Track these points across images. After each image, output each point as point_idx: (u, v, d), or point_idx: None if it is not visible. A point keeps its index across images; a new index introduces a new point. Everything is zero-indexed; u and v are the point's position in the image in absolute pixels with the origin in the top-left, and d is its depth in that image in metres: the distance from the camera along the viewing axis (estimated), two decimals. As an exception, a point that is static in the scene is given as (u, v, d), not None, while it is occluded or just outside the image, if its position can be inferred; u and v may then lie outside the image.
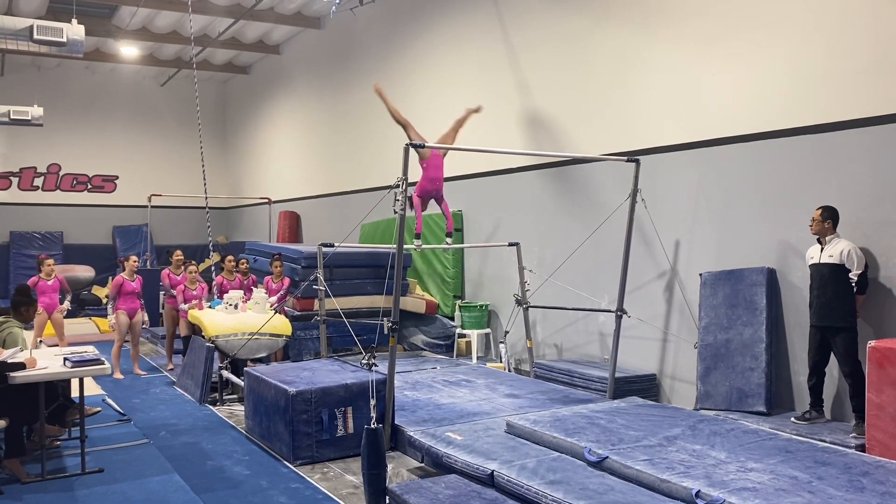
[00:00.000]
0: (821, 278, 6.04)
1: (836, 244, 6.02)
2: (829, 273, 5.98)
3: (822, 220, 6.07)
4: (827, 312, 5.99)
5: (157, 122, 19.58)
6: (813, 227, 6.13)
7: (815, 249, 6.16)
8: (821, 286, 6.04)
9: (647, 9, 8.00)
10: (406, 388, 7.42)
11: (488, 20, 10.35)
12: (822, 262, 6.05)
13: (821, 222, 6.08)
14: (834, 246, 6.02)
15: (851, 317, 5.95)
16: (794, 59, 6.59)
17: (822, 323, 6.03)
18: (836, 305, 5.95)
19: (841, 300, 5.94)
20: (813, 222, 6.13)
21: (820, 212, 6.10)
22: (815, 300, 6.09)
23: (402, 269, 6.26)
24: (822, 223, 6.07)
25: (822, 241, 6.11)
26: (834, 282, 5.96)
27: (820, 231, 6.10)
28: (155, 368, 10.11)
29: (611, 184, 8.22)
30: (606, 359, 8.13)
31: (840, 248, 5.96)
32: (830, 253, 6.01)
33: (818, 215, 6.10)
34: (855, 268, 5.93)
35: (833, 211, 6.09)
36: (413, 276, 11.58)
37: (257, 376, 6.62)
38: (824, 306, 6.01)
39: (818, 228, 6.10)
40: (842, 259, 5.93)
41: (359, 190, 13.61)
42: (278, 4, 14.08)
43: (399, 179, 5.91)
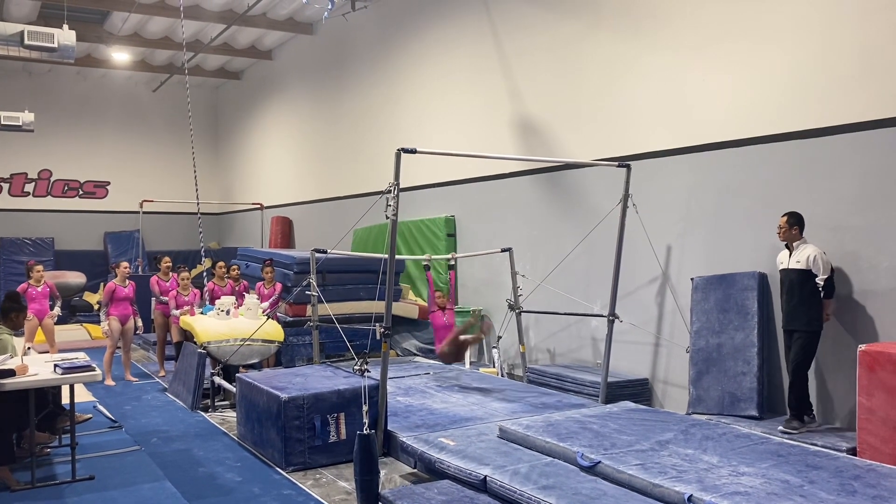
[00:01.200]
0: (789, 283, 6.18)
1: (803, 250, 6.14)
2: (797, 278, 6.12)
3: (788, 226, 6.20)
4: (795, 316, 6.14)
5: (149, 128, 19.54)
6: (781, 234, 6.25)
7: (784, 255, 6.29)
8: (789, 291, 6.18)
9: (638, 16, 8.04)
10: (399, 394, 7.40)
11: (480, 26, 10.38)
12: (790, 267, 6.18)
13: (787, 229, 6.20)
14: (801, 252, 6.14)
15: (817, 321, 6.09)
16: (783, 66, 6.64)
17: (789, 326, 6.19)
18: (802, 310, 6.09)
19: (808, 304, 6.08)
20: (780, 229, 6.23)
21: (786, 218, 6.21)
22: (785, 304, 6.24)
23: (394, 275, 6.26)
24: (790, 230, 6.19)
25: (790, 246, 6.23)
26: (801, 287, 6.10)
27: (787, 237, 6.22)
28: (147, 375, 10.07)
29: (602, 189, 8.24)
30: (599, 363, 8.14)
31: (807, 254, 6.09)
32: (798, 258, 6.13)
33: (784, 222, 6.21)
34: (821, 273, 6.06)
35: (799, 217, 6.20)
36: (406, 281, 11.58)
37: (249, 382, 6.60)
38: (793, 311, 6.15)
39: (786, 235, 6.22)
40: (808, 265, 6.06)
41: (351, 195, 13.61)
42: (270, 10, 14.08)
43: (391, 185, 5.91)
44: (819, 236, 6.38)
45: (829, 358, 6.33)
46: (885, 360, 5.17)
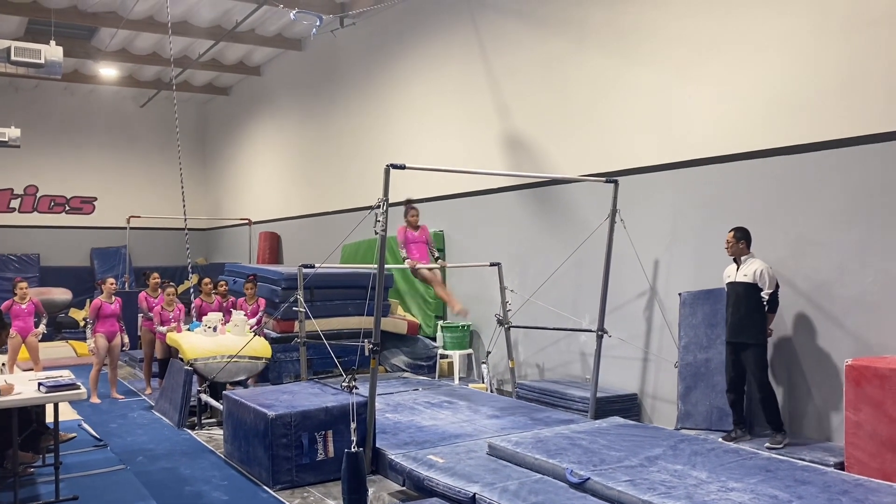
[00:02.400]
0: (736, 296, 6.29)
1: (750, 264, 6.27)
2: (743, 291, 6.23)
3: (735, 241, 6.32)
4: (740, 329, 6.24)
5: (137, 144, 19.48)
6: (729, 249, 6.37)
7: (732, 269, 6.40)
8: (735, 304, 6.28)
9: (624, 33, 8.11)
10: (387, 411, 7.37)
11: (468, 43, 10.44)
12: (737, 280, 6.29)
13: (735, 243, 6.32)
14: (749, 266, 6.26)
15: (762, 334, 6.21)
16: (768, 82, 6.71)
17: (735, 339, 6.28)
18: (748, 323, 6.20)
19: (753, 318, 6.20)
20: (727, 244, 6.35)
21: (733, 233, 6.35)
22: (730, 317, 6.33)
23: (383, 290, 6.24)
24: (737, 244, 6.32)
25: (738, 260, 6.34)
26: (747, 300, 6.21)
27: (735, 252, 6.34)
28: (133, 392, 9.98)
29: (590, 204, 8.27)
30: (588, 378, 8.13)
31: (754, 268, 6.22)
32: (745, 272, 6.25)
33: (731, 237, 6.34)
34: (766, 287, 6.19)
35: (745, 232, 6.34)
36: (394, 296, 11.55)
37: (236, 400, 6.55)
38: (738, 323, 6.25)
39: (733, 249, 6.34)
40: (755, 278, 6.19)
41: (340, 210, 13.60)
42: (259, 26, 14.12)
43: (380, 200, 5.91)
44: (804, 251, 6.43)
45: (815, 372, 6.36)
46: (871, 375, 5.20)
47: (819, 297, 6.34)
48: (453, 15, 10.71)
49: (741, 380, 6.36)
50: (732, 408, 6.41)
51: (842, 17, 6.16)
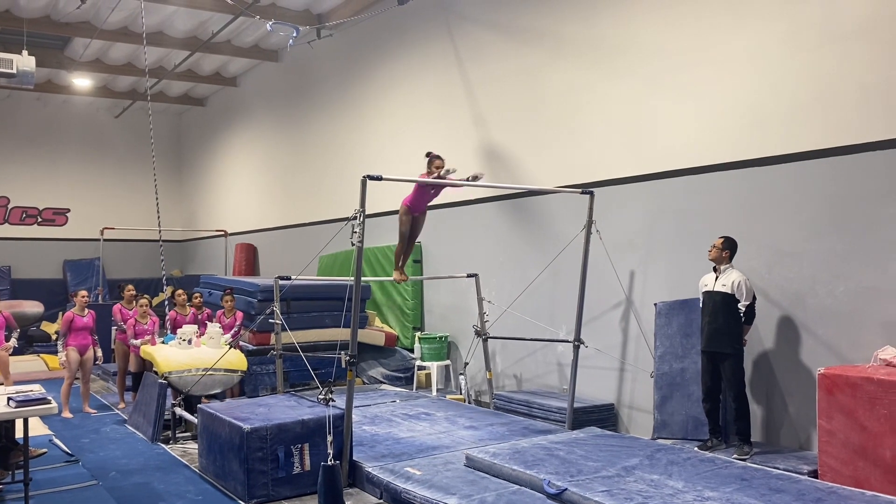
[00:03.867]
0: (713, 305, 6.32)
1: (729, 274, 6.32)
2: (721, 301, 6.27)
3: (721, 248, 6.37)
4: (717, 339, 6.27)
5: (111, 154, 19.28)
6: (711, 254, 6.41)
7: (710, 277, 6.45)
8: (712, 313, 6.31)
9: (599, 45, 8.20)
10: (365, 423, 7.33)
11: (445, 54, 10.49)
12: (715, 289, 6.33)
13: (720, 251, 6.37)
14: (727, 276, 6.32)
15: (738, 344, 6.26)
16: (741, 95, 6.81)
17: (712, 348, 6.32)
18: (725, 332, 6.24)
19: (730, 328, 6.24)
20: (713, 248, 6.41)
21: (721, 241, 6.40)
22: (707, 326, 6.36)
23: (360, 302, 6.22)
24: (721, 251, 6.37)
25: (717, 269, 6.40)
26: (725, 310, 6.26)
27: (717, 259, 6.38)
28: (106, 406, 9.83)
29: (566, 215, 8.32)
30: (565, 389, 8.15)
31: (732, 279, 6.27)
32: (724, 282, 6.30)
33: (720, 244, 6.39)
34: (744, 299, 6.24)
35: (733, 242, 6.40)
36: (372, 307, 11.52)
37: (211, 413, 6.48)
38: (715, 333, 6.28)
39: (716, 256, 6.39)
40: (733, 289, 6.24)
41: (317, 222, 13.54)
42: (235, 37, 14.06)
43: (357, 212, 5.90)
44: (778, 261, 6.51)
45: (789, 381, 6.43)
46: (843, 384, 5.27)
47: (792, 307, 6.42)
48: (430, 27, 10.76)
49: (717, 389, 6.40)
50: (708, 417, 6.45)
51: (813, 31, 6.28)
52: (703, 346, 6.42)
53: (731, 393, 6.25)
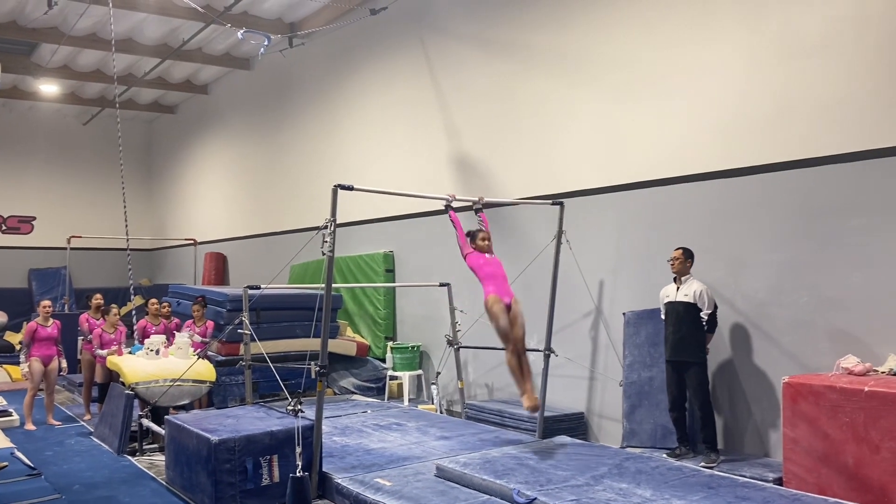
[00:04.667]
0: (676, 315, 6.41)
1: (690, 284, 6.43)
2: (683, 311, 6.37)
3: (684, 259, 6.47)
4: (682, 348, 6.36)
5: (79, 162, 19.01)
6: (675, 266, 6.52)
7: (671, 288, 6.54)
8: (676, 323, 6.41)
9: (568, 58, 8.29)
10: (335, 434, 7.29)
11: (417, 65, 10.52)
12: (677, 300, 6.42)
13: (682, 262, 6.47)
14: (689, 286, 6.42)
15: (702, 353, 6.36)
16: (706, 109, 6.93)
17: (677, 358, 6.39)
18: (689, 341, 6.33)
19: (694, 337, 6.34)
20: (675, 261, 6.51)
21: (681, 252, 6.50)
22: (671, 336, 6.45)
23: (330, 311, 6.20)
24: (684, 262, 6.47)
25: (677, 279, 6.49)
26: (688, 319, 6.36)
27: (681, 270, 6.49)
28: (71, 418, 9.65)
29: (537, 225, 8.38)
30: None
31: (694, 289, 6.37)
32: (686, 292, 6.40)
33: (679, 255, 6.49)
34: (706, 308, 6.34)
35: (691, 252, 6.52)
36: (344, 317, 11.47)
37: (179, 424, 6.40)
38: (679, 342, 6.37)
39: (680, 267, 6.49)
40: (695, 299, 6.34)
41: (288, 231, 13.47)
42: (206, 45, 13.97)
43: (328, 221, 5.89)
44: (743, 271, 6.62)
45: (755, 389, 6.53)
46: (807, 392, 5.36)
47: (757, 317, 6.52)
48: (403, 37, 10.79)
49: (683, 398, 6.48)
50: (676, 426, 6.52)
51: (775, 47, 6.41)
52: (669, 356, 6.49)
53: (696, 401, 6.32)
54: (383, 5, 10.74)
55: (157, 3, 11.54)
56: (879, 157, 5.74)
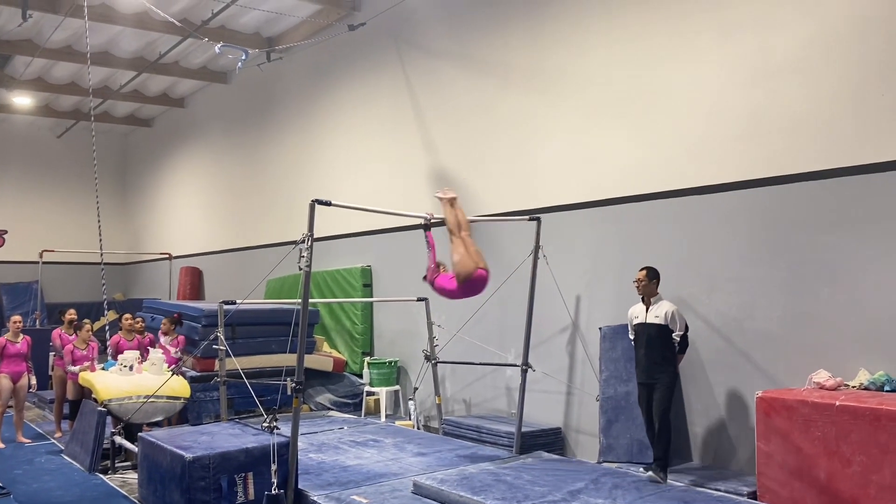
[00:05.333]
0: (648, 337, 6.23)
1: (660, 306, 6.25)
2: (655, 333, 6.19)
3: (647, 279, 6.29)
4: (654, 370, 6.18)
5: (53, 175, 18.79)
6: (640, 288, 6.32)
7: (641, 309, 6.36)
8: (648, 345, 6.22)
9: (545, 77, 8.38)
10: (311, 451, 7.24)
11: (396, 81, 10.56)
12: (648, 321, 6.24)
13: (647, 282, 6.29)
14: (659, 307, 6.24)
15: (674, 373, 6.23)
16: (680, 127, 7.03)
17: (650, 381, 6.20)
18: (662, 363, 6.17)
19: (667, 359, 6.19)
20: (639, 283, 6.32)
21: (645, 272, 6.32)
22: (644, 359, 6.26)
23: (307, 326, 6.17)
24: (649, 283, 6.29)
25: (646, 300, 6.32)
26: (661, 341, 6.18)
27: (647, 291, 6.30)
28: (41, 436, 9.48)
29: (515, 241, 8.41)
30: (513, 413, 8.18)
31: (665, 310, 6.19)
32: (656, 314, 6.21)
33: (643, 276, 6.31)
34: (678, 329, 6.18)
35: (657, 271, 6.36)
36: (321, 332, 11.41)
37: (152, 442, 6.31)
38: (652, 365, 6.19)
39: (644, 289, 6.30)
40: (666, 320, 6.16)
41: (265, 245, 13.40)
42: (183, 58, 13.92)
43: (305, 235, 5.87)
44: (717, 287, 6.70)
45: (729, 404, 6.59)
46: (779, 407, 5.42)
47: (730, 332, 6.59)
48: (381, 53, 10.83)
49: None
50: (652, 443, 6.41)
51: (745, 68, 6.53)
52: (641, 379, 6.29)
53: (656, 413, 6.13)
54: (361, 21, 10.80)
55: (134, 17, 11.51)
56: (849, 175, 5.86)
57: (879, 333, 5.65)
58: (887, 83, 5.67)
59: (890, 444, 4.80)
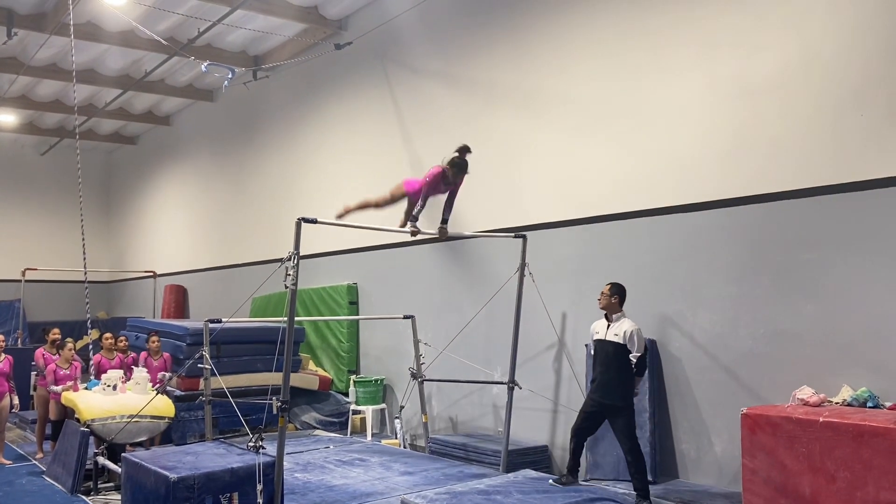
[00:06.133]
0: (605, 355, 6.14)
1: (621, 324, 6.12)
2: (613, 351, 6.09)
3: (609, 295, 6.22)
4: (608, 391, 6.07)
5: (36, 193, 18.66)
6: (601, 302, 6.26)
7: (602, 325, 6.26)
8: (604, 363, 6.13)
9: (530, 96, 8.46)
10: (297, 470, 7.19)
11: (382, 99, 10.62)
12: (607, 339, 6.14)
13: (608, 297, 6.21)
14: (619, 325, 6.12)
15: (630, 397, 6.11)
16: (663, 145, 7.11)
17: (604, 400, 6.09)
18: (617, 384, 6.06)
19: (623, 380, 6.06)
20: (602, 296, 6.27)
21: (609, 287, 6.26)
22: (599, 376, 6.17)
23: (292, 345, 6.15)
24: (610, 298, 6.20)
25: (609, 317, 6.23)
26: (617, 361, 6.06)
27: (607, 306, 6.22)
28: (23, 457, 9.34)
29: (501, 258, 8.45)
30: (500, 431, 8.17)
31: (624, 329, 6.06)
32: (616, 332, 6.10)
33: (607, 290, 6.25)
34: (635, 350, 6.04)
35: (621, 288, 6.26)
36: (306, 350, 11.36)
37: (136, 462, 6.24)
38: (607, 384, 6.09)
39: (606, 303, 6.22)
40: (625, 339, 6.05)
41: (251, 263, 13.36)
42: (169, 76, 13.92)
43: (291, 253, 5.87)
44: (701, 304, 6.75)
45: (715, 420, 6.62)
46: (764, 423, 5.45)
47: (715, 349, 6.64)
48: (367, 72, 10.89)
49: (590, 432, 6.34)
50: (572, 454, 6.29)
51: (727, 87, 6.63)
52: (596, 397, 6.17)
53: (624, 446, 6.00)
54: (348, 40, 10.86)
55: (120, 35, 11.51)
56: (829, 194, 5.94)
57: (861, 350, 5.72)
58: (865, 104, 5.78)
59: (873, 460, 4.83)
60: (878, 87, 5.72)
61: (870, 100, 5.76)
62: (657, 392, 6.97)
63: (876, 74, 5.74)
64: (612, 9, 7.62)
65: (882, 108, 5.69)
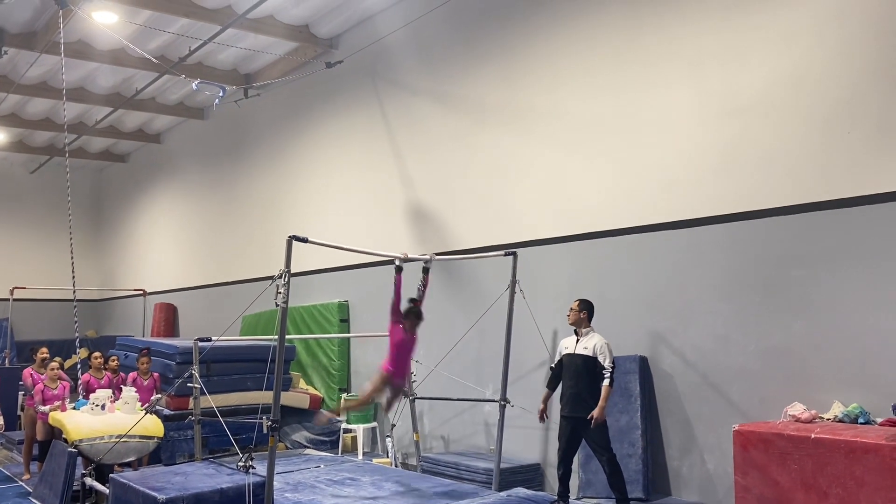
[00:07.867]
0: (574, 369, 6.22)
1: (590, 338, 6.25)
2: (582, 365, 6.17)
3: (578, 310, 6.33)
4: (578, 403, 6.13)
5: (25, 211, 18.58)
6: (570, 318, 6.38)
7: (571, 340, 6.38)
8: (574, 377, 6.20)
9: (520, 114, 8.51)
10: (287, 490, 7.12)
11: (373, 117, 10.65)
12: (576, 352, 6.24)
13: (577, 312, 6.33)
14: (588, 339, 6.24)
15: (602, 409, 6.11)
16: (654, 162, 7.15)
17: (574, 414, 6.15)
18: (587, 396, 6.11)
19: (593, 392, 6.10)
20: (571, 312, 6.39)
21: (578, 303, 6.39)
22: (569, 390, 6.23)
23: (283, 363, 6.11)
24: (579, 313, 6.32)
25: (578, 332, 6.34)
26: (587, 374, 6.15)
27: (576, 322, 6.33)
28: (9, 478, 9.22)
29: (491, 275, 8.45)
30: (492, 449, 8.13)
31: (594, 342, 6.19)
32: (585, 345, 6.21)
33: (576, 306, 6.37)
34: (606, 363, 6.13)
35: (589, 304, 6.40)
36: (297, 369, 11.30)
37: (124, 483, 6.18)
38: (576, 397, 6.16)
39: (575, 318, 6.33)
40: (595, 352, 6.14)
41: (241, 281, 13.31)
42: (160, 94, 13.93)
43: (282, 271, 5.86)
44: (692, 321, 6.76)
45: (706, 437, 6.60)
46: (756, 440, 5.45)
47: (706, 366, 6.64)
48: (358, 90, 10.93)
49: (572, 453, 6.36)
50: (560, 482, 6.34)
51: (717, 104, 6.69)
52: (564, 412, 6.23)
53: (602, 458, 6.08)
54: (339, 59, 10.90)
55: (111, 53, 11.52)
56: (819, 210, 5.98)
57: (852, 366, 5.73)
58: (853, 121, 5.83)
59: (865, 476, 4.83)
60: (867, 104, 5.78)
61: (858, 117, 5.81)
62: (649, 409, 6.96)
63: (864, 92, 5.80)
64: (602, 26, 7.69)
65: (870, 124, 5.75)
